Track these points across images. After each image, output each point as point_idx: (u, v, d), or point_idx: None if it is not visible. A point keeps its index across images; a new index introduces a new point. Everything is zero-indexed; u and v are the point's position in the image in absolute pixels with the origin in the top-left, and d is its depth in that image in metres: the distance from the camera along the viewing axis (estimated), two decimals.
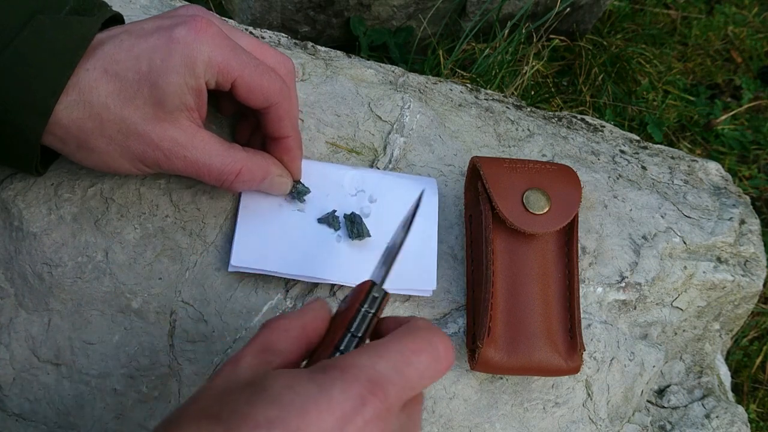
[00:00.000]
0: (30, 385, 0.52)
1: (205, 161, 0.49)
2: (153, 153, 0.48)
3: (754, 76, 1.52)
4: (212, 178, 0.50)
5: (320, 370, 0.34)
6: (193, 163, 0.49)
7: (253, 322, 0.55)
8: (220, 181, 0.51)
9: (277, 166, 0.54)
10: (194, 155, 0.49)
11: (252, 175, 0.52)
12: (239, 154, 0.51)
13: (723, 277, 0.67)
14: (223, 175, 0.50)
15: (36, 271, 0.53)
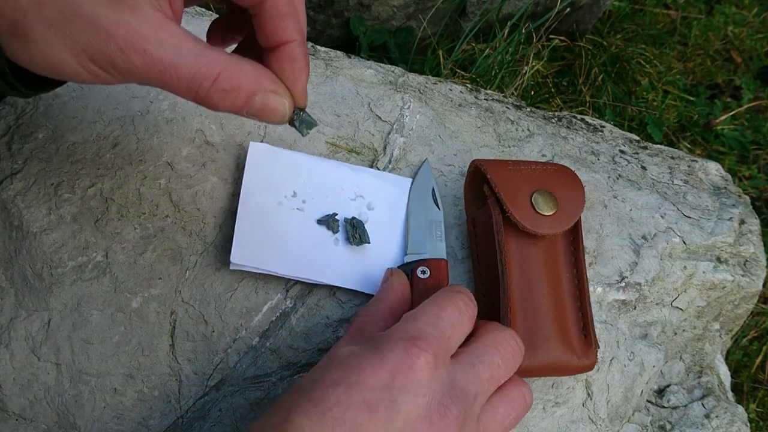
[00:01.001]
0: (30, 385, 0.52)
1: (172, 59, 0.38)
2: (104, 45, 0.37)
3: (754, 76, 1.52)
4: (182, 84, 0.38)
5: (375, 339, 0.43)
6: (157, 62, 0.37)
7: (253, 321, 0.55)
8: (193, 89, 0.39)
9: (272, 81, 0.42)
10: (158, 51, 0.37)
11: (236, 82, 0.39)
12: (219, 56, 0.39)
13: (723, 277, 0.67)
14: (196, 79, 0.38)
15: (36, 271, 0.53)
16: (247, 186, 0.57)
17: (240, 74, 0.39)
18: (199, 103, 0.39)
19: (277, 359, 0.55)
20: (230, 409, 0.53)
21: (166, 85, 0.38)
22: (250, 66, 0.40)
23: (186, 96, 0.39)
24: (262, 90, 0.40)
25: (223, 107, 0.40)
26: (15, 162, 0.57)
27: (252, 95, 0.40)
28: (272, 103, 0.41)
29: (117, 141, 0.59)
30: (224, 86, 0.39)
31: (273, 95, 0.41)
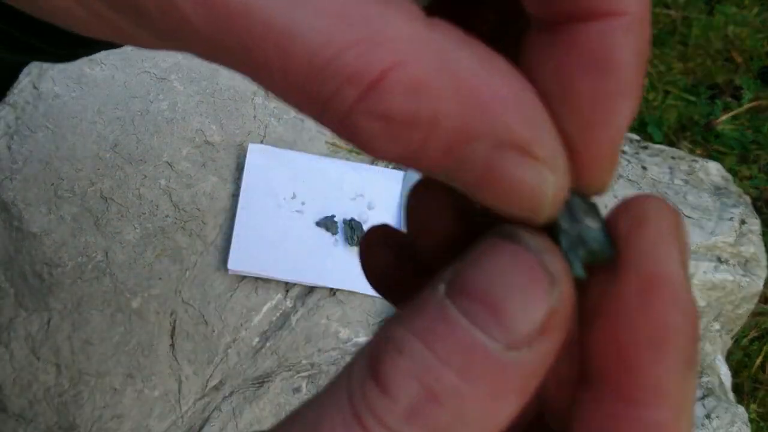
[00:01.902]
0: (30, 385, 0.52)
1: (276, 19, 0.13)
2: None
3: (754, 77, 1.52)
4: (291, 80, 0.14)
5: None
6: (239, 18, 0.13)
7: (253, 322, 0.55)
8: (314, 95, 0.14)
9: (525, 118, 0.15)
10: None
11: (430, 97, 0.13)
12: (400, 24, 0.14)
13: (723, 277, 0.67)
14: (325, 75, 0.13)
15: (36, 271, 0.53)
16: (246, 190, 0.57)
17: (443, 80, 0.14)
18: (332, 128, 0.15)
19: (277, 359, 0.55)
20: (230, 409, 0.53)
21: (260, 79, 0.16)
22: (479, 66, 0.14)
23: (301, 107, 0.15)
24: (493, 137, 0.14)
25: (382, 150, 0.15)
26: (15, 162, 0.57)
27: (465, 140, 0.14)
28: (513, 173, 0.15)
29: (117, 141, 0.59)
30: (393, 107, 0.14)
31: (520, 156, 0.15)
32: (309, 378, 0.54)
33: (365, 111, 0.13)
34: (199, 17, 0.13)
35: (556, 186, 0.15)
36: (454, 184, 0.15)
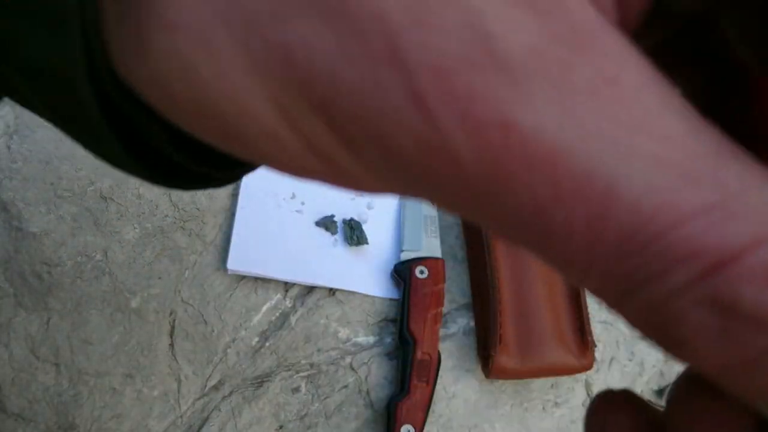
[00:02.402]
0: (29, 385, 0.52)
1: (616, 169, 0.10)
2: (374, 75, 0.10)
3: None
4: (606, 244, 0.10)
5: None
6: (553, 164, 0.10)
7: (253, 321, 0.55)
8: (634, 261, 0.10)
9: None
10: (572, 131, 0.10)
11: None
12: (760, 186, 0.10)
13: None
14: (664, 241, 0.10)
15: (35, 271, 0.53)
16: (245, 189, 0.57)
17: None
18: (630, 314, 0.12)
19: (277, 359, 0.55)
20: (229, 409, 0.53)
21: (545, 244, 0.11)
22: None
23: (593, 283, 0.12)
24: None
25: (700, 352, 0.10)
26: (14, 161, 0.57)
27: None
28: None
29: None
30: (745, 297, 0.10)
31: None
32: (308, 378, 0.54)
33: (701, 296, 0.10)
34: (479, 161, 0.10)
35: None
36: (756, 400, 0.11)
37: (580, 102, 0.10)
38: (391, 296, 0.58)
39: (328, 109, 0.11)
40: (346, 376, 0.55)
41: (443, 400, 0.56)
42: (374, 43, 0.10)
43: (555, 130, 0.10)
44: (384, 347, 0.56)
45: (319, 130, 0.11)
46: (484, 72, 0.10)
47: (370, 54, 0.10)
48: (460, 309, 0.59)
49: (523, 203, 0.10)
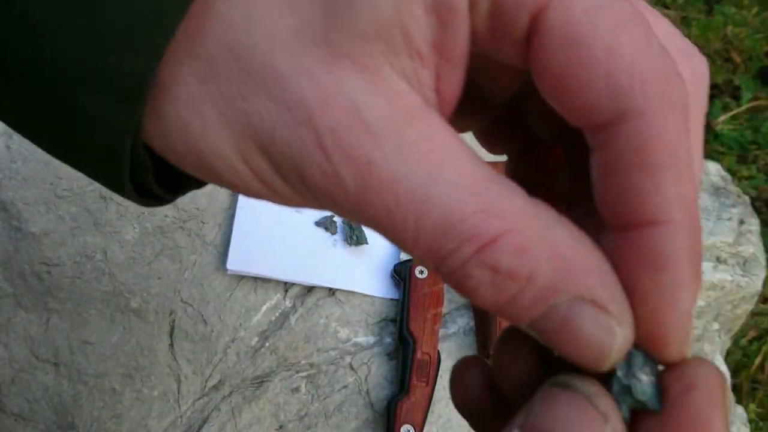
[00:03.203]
0: (28, 385, 0.52)
1: (416, 193, 0.18)
2: (293, 134, 0.18)
3: (753, 76, 1.52)
4: (420, 240, 0.19)
5: None
6: (387, 191, 0.18)
7: (253, 321, 0.55)
8: (435, 250, 0.18)
9: (603, 282, 0.19)
10: (395, 170, 0.18)
11: (527, 261, 0.18)
12: (515, 200, 0.19)
13: (722, 278, 0.67)
14: (449, 235, 0.18)
15: (35, 271, 0.53)
16: None
17: (542, 246, 0.18)
18: (443, 277, 0.19)
19: (277, 359, 0.55)
20: (229, 409, 0.53)
21: (390, 231, 0.19)
22: (570, 239, 0.19)
23: (420, 258, 0.19)
24: (575, 293, 0.18)
25: (482, 296, 0.19)
26: (14, 161, 0.57)
27: (551, 295, 0.19)
28: (588, 323, 0.19)
29: None
30: (501, 262, 0.18)
31: (595, 310, 0.19)
32: (308, 378, 0.54)
33: (478, 263, 0.18)
34: (355, 184, 0.18)
35: (623, 338, 0.19)
36: (536, 333, 0.19)
37: (410, 150, 0.17)
38: (391, 296, 0.58)
39: (270, 152, 0.18)
40: (346, 376, 0.55)
41: (443, 400, 0.56)
42: (298, 114, 0.17)
43: (396, 166, 0.17)
44: (384, 347, 0.56)
45: (264, 165, 0.19)
46: (357, 132, 0.17)
47: (295, 121, 0.17)
48: (460, 309, 0.59)
49: (381, 210, 0.18)
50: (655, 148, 0.18)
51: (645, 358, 0.19)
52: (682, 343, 0.19)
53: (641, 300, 0.19)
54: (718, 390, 0.18)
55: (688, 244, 0.18)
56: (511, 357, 0.22)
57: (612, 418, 0.18)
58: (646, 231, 0.18)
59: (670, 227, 0.18)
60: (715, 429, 0.18)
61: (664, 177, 0.18)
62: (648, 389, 0.19)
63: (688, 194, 0.19)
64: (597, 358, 0.19)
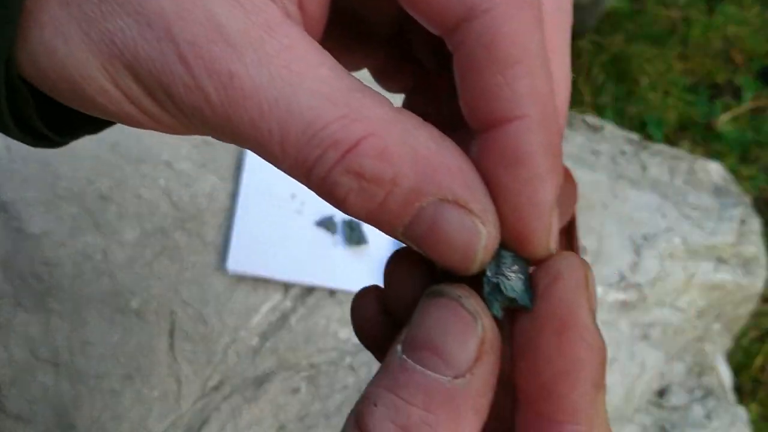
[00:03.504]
0: (28, 386, 0.52)
1: (278, 100, 0.18)
2: (155, 49, 0.18)
3: (754, 76, 1.52)
4: (286, 149, 0.19)
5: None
6: (250, 101, 0.18)
7: (253, 322, 0.55)
8: (302, 160, 0.19)
9: (465, 183, 0.19)
10: (258, 79, 0.18)
11: (389, 165, 0.19)
12: (375, 107, 0.19)
13: (724, 278, 0.67)
14: (312, 143, 0.18)
15: (35, 271, 0.53)
16: (245, 189, 0.57)
17: (404, 150, 0.18)
18: (311, 187, 0.19)
19: (277, 360, 0.54)
20: (229, 410, 0.52)
21: (258, 143, 0.19)
22: (432, 142, 0.19)
23: (288, 170, 0.19)
24: (439, 194, 0.19)
25: (353, 204, 0.19)
26: (14, 161, 0.57)
27: (417, 198, 0.19)
28: (454, 223, 0.19)
29: (116, 140, 0.58)
30: (365, 167, 0.18)
31: (459, 210, 0.19)
32: (308, 378, 0.54)
33: (343, 169, 0.18)
34: (219, 97, 0.18)
35: (488, 237, 0.19)
36: (411, 242, 0.20)
37: (271, 62, 0.18)
38: None
39: (136, 70, 0.18)
40: (346, 377, 0.55)
41: None
42: (158, 29, 0.17)
43: (258, 77, 0.18)
44: None
45: (132, 85, 0.19)
46: (217, 44, 0.17)
47: (155, 36, 0.18)
48: None
49: (247, 122, 0.18)
50: (503, 43, 0.18)
51: (514, 257, 0.20)
52: (544, 237, 0.20)
53: (502, 197, 0.19)
54: (582, 278, 0.20)
55: (544, 138, 0.19)
56: (400, 280, 0.23)
57: (481, 315, 0.19)
58: (503, 128, 0.19)
59: (524, 122, 0.19)
60: (580, 313, 0.19)
61: (515, 71, 0.18)
62: (517, 285, 0.20)
63: (541, 88, 0.19)
64: (465, 259, 0.19)
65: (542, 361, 0.19)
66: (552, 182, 0.20)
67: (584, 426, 0.19)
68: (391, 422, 0.18)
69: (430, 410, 0.18)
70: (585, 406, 0.19)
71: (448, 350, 0.19)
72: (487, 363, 0.19)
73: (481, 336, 0.19)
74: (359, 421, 0.19)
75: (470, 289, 0.20)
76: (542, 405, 0.19)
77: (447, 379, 0.18)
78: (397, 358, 0.19)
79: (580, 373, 0.19)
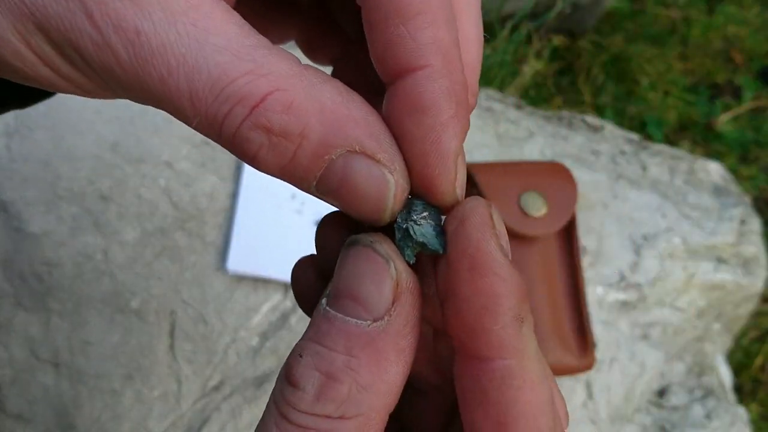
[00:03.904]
0: (29, 386, 0.52)
1: (185, 56, 0.18)
2: (65, 9, 0.18)
3: (754, 76, 1.52)
4: (195, 104, 0.19)
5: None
6: (158, 57, 0.18)
7: (253, 322, 0.55)
8: (212, 116, 0.19)
9: (372, 134, 0.20)
10: (164, 36, 0.18)
11: (297, 118, 0.19)
12: (279, 62, 0.19)
13: (723, 277, 0.67)
14: (219, 98, 0.19)
15: (35, 271, 0.53)
16: (245, 190, 0.57)
17: (310, 104, 0.19)
18: (226, 146, 0.20)
19: (277, 359, 0.54)
20: (229, 410, 0.52)
21: (168, 101, 0.19)
22: (338, 96, 0.19)
23: (202, 129, 0.19)
24: (346, 145, 0.19)
25: (265, 160, 0.19)
26: (14, 161, 0.56)
27: (326, 151, 0.19)
28: (363, 173, 0.20)
29: (116, 140, 0.58)
30: (272, 121, 0.18)
31: (367, 160, 0.20)
32: None
33: (252, 124, 0.18)
34: (128, 54, 0.18)
35: (396, 185, 0.20)
36: (326, 197, 0.20)
37: (178, 19, 0.18)
38: None
39: (47, 31, 0.18)
40: None
41: None
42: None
43: (165, 34, 0.18)
44: None
45: (45, 47, 0.19)
46: (123, 1, 0.18)
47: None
48: None
49: (156, 80, 0.18)
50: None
51: (425, 205, 0.21)
52: (449, 183, 0.21)
53: (408, 145, 0.20)
54: (486, 215, 0.20)
55: (446, 86, 0.20)
56: (330, 243, 0.24)
57: (393, 258, 0.20)
58: (407, 78, 0.20)
59: (426, 71, 0.20)
60: (489, 248, 0.19)
61: (416, 22, 0.19)
62: (427, 231, 0.21)
63: (443, 39, 0.20)
64: (376, 208, 0.20)
65: (461, 301, 0.19)
66: (455, 129, 0.20)
67: (513, 359, 0.19)
68: (315, 370, 0.19)
69: (352, 354, 0.19)
70: (510, 340, 0.19)
71: (365, 295, 0.19)
72: (404, 305, 0.20)
73: (395, 278, 0.20)
74: (287, 373, 0.19)
75: (384, 235, 0.21)
76: (470, 345, 0.19)
77: (366, 323, 0.19)
78: (321, 310, 0.20)
79: (498, 307, 0.19)
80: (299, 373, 0.19)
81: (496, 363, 0.19)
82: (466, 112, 0.21)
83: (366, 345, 0.19)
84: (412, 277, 0.20)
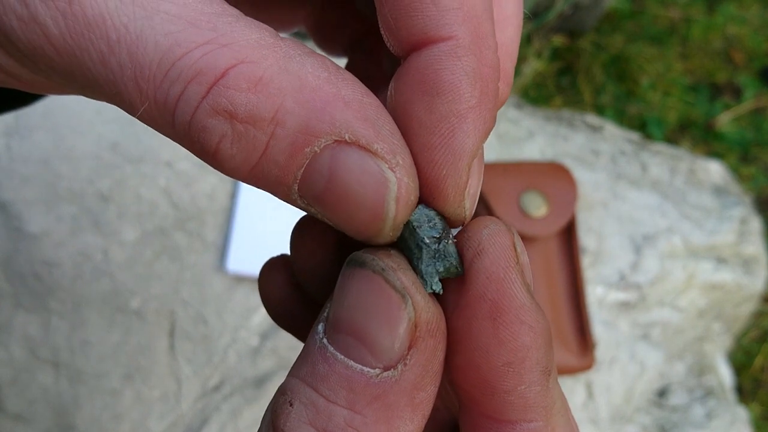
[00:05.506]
0: (28, 385, 0.52)
1: (128, 29, 0.14)
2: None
3: (754, 76, 1.52)
4: (141, 87, 0.15)
5: None
6: (96, 32, 0.14)
7: (253, 322, 0.55)
8: (163, 100, 0.15)
9: (366, 120, 0.15)
10: (102, 5, 0.15)
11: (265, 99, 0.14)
12: (246, 30, 0.15)
13: (724, 277, 0.67)
14: (169, 77, 0.14)
15: (35, 271, 0.53)
16: (245, 190, 0.57)
17: (286, 80, 0.15)
18: (183, 142, 0.15)
19: (277, 359, 0.54)
20: (229, 410, 0.52)
21: (112, 85, 0.15)
22: (323, 70, 0.15)
23: (152, 119, 0.15)
24: (333, 132, 0.15)
25: (229, 157, 0.15)
26: (14, 161, 0.56)
27: (307, 141, 0.15)
28: (355, 170, 0.15)
29: (116, 141, 0.58)
30: (236, 103, 0.14)
31: (360, 152, 0.15)
32: None
33: (209, 107, 0.14)
34: (59, 28, 0.14)
35: (399, 186, 0.15)
36: (310, 205, 0.16)
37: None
38: None
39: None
40: None
41: None
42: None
43: (102, 1, 0.14)
44: None
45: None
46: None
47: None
48: None
49: (95, 59, 0.14)
50: None
51: (440, 217, 0.16)
52: (458, 190, 0.16)
53: (415, 136, 0.15)
54: (509, 247, 0.16)
55: (473, 66, 0.15)
56: (309, 249, 0.20)
57: (412, 293, 0.15)
58: (424, 51, 0.15)
59: (449, 44, 0.15)
60: (513, 291, 0.15)
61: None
62: (454, 251, 0.16)
63: (473, 5, 0.15)
64: (372, 218, 0.15)
65: (479, 353, 0.15)
66: (475, 123, 0.15)
67: (540, 420, 0.15)
68: (310, 425, 0.15)
69: (355, 410, 0.15)
70: (537, 398, 0.15)
71: (373, 337, 0.15)
72: (423, 351, 0.15)
73: (413, 319, 0.15)
74: (274, 422, 0.15)
75: (397, 253, 0.16)
76: (488, 404, 0.15)
77: (375, 372, 0.15)
78: (317, 341, 0.15)
79: (526, 362, 0.15)
80: (289, 426, 0.15)
81: (519, 427, 0.15)
82: (492, 104, 0.16)
83: (374, 399, 0.15)
84: (435, 314, 0.16)
